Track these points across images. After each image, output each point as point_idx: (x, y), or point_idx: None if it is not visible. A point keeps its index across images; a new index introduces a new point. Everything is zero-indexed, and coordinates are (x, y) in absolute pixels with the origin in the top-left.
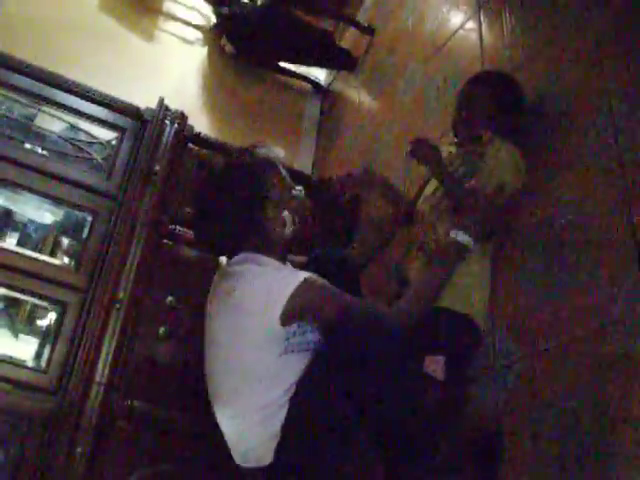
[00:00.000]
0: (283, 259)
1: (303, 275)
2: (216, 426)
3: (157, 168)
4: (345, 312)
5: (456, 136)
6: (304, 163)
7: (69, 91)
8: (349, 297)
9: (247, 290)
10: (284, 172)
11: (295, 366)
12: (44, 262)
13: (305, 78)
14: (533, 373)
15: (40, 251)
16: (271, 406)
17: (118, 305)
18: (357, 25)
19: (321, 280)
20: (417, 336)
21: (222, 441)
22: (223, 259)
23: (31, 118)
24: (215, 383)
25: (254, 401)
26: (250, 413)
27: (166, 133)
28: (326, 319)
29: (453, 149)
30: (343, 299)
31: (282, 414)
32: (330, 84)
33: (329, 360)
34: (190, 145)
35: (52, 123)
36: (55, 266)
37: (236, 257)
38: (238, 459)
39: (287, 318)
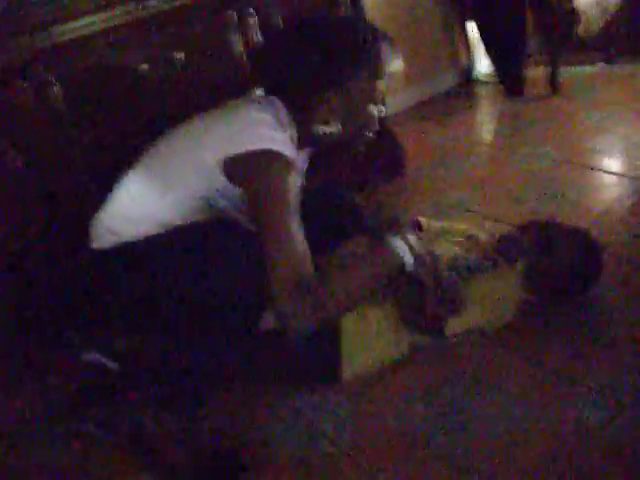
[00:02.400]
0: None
1: (279, 149)
2: None
3: None
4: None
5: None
6: None
7: None
8: (296, 232)
9: (232, 120)
10: (384, 86)
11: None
12: None
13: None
14: None
15: None
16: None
17: None
18: None
19: (292, 181)
20: None
21: None
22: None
23: None
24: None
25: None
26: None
27: None
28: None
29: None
30: (285, 219)
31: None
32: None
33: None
34: None
35: None
36: None
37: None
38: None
39: (225, 169)
